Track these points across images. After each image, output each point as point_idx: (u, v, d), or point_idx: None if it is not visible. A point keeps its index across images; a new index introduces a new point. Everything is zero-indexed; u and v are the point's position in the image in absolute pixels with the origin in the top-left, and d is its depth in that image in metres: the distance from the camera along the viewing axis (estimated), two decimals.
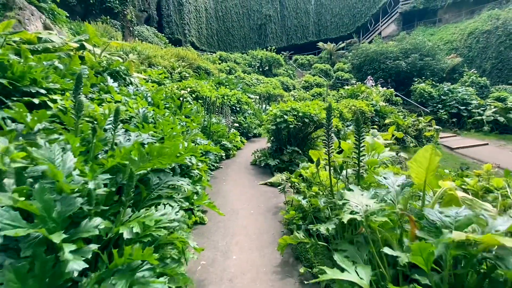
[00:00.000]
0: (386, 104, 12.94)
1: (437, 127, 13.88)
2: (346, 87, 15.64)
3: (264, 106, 9.87)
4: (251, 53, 23.00)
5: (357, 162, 2.12)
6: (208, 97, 5.60)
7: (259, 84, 15.49)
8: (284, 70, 23.15)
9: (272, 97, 12.79)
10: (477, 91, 17.01)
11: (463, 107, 15.35)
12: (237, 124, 6.90)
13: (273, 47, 24.88)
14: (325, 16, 31.44)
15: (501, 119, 14.44)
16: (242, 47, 29.89)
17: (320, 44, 26.78)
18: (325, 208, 2.38)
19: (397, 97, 15.16)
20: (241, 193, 3.80)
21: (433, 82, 17.15)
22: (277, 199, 3.60)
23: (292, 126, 4.70)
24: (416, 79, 17.28)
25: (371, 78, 17.75)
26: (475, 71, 19.75)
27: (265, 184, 4.19)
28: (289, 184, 3.76)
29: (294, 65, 26.92)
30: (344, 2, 30.17)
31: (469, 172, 3.50)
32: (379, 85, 15.61)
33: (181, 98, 5.32)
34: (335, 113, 7.30)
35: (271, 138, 5.42)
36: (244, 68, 20.34)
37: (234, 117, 7.38)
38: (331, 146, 2.16)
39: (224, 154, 5.33)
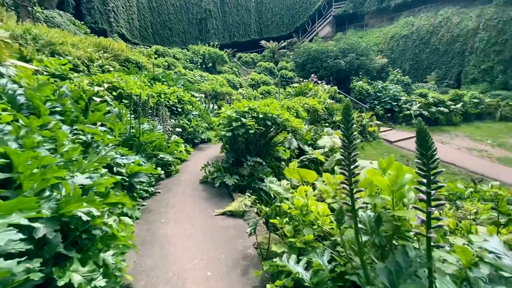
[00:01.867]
0: (332, 101, 13.10)
1: (378, 122, 14.78)
2: (293, 85, 15.46)
3: (211, 105, 8.62)
4: (193, 48, 21.21)
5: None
6: (137, 95, 4.14)
7: (203, 81, 14.05)
8: (228, 67, 22.08)
9: (220, 95, 11.58)
10: (403, 89, 18.89)
11: (395, 103, 16.75)
12: (180, 129, 5.54)
13: (216, 43, 23.56)
14: (266, 14, 31.56)
15: (425, 112, 16.19)
16: (181, 42, 27.60)
17: (263, 42, 26.62)
18: None
19: (340, 95, 15.67)
20: (189, 236, 2.59)
21: (369, 80, 18.42)
22: (244, 240, 2.52)
23: (252, 131, 3.67)
24: (354, 77, 18.32)
25: (315, 76, 18.10)
26: (399, 70, 22.03)
27: (224, 213, 3.06)
28: (257, 215, 2.72)
29: (238, 62, 26.10)
30: (283, 2, 30.76)
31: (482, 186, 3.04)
32: (324, 83, 15.91)
33: (95, 98, 3.74)
34: (292, 112, 6.58)
35: (226, 147, 4.30)
36: (185, 64, 18.50)
37: (175, 120, 5.97)
38: (353, 175, 1.19)
39: (163, 172, 3.97)
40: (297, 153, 6.24)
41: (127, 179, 2.82)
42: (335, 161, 5.26)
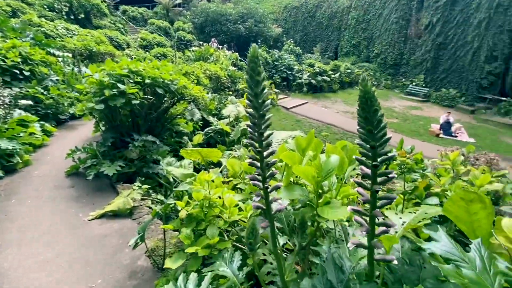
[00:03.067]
0: (235, 68, 12.79)
1: (276, 90, 15.67)
2: (192, 48, 14.08)
3: (83, 69, 6.62)
4: None
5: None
6: None
7: (71, 36, 10.76)
8: (110, 22, 17.87)
9: (97, 56, 9.16)
10: (295, 58, 20.55)
11: (290, 72, 18.10)
12: (28, 102, 3.88)
13: None
14: None
15: (313, 81, 18.30)
16: None
17: None
18: None
19: (242, 62, 15.51)
20: (44, 265, 1.75)
21: (267, 49, 18.99)
22: (132, 250, 1.90)
23: (136, 102, 2.82)
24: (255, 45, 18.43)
25: (216, 40, 17.13)
26: (292, 41, 23.70)
27: (103, 216, 2.28)
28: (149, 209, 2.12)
29: (124, 17, 21.58)
30: None
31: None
32: (225, 49, 15.25)
33: None
34: (192, 78, 5.81)
35: (102, 124, 3.25)
36: (42, 12, 13.62)
37: (20, 88, 4.16)
38: (267, 167, 0.80)
39: None
40: (201, 125, 5.67)
41: None
42: (241, 131, 5.04)
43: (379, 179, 0.61)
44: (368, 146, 0.59)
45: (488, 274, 0.61)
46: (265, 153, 0.76)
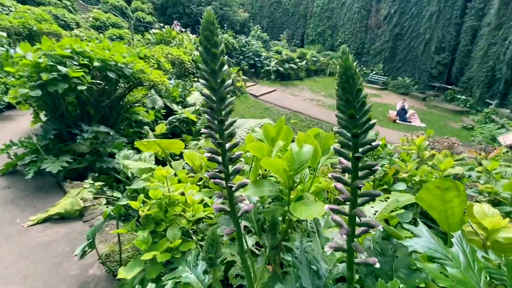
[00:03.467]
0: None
1: (244, 77, 15.38)
2: (152, 31, 13.06)
3: (17, 49, 5.68)
4: None
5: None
6: None
7: (7, 13, 9.25)
8: None
9: (38, 36, 7.98)
10: (263, 45, 20.29)
11: (257, 59, 17.85)
12: None
13: None
14: None
15: (281, 68, 18.31)
16: None
17: None
18: None
19: None
20: None
21: (233, 34, 18.42)
22: (81, 260, 1.67)
23: (83, 87, 2.46)
24: (219, 30, 17.73)
25: (178, 23, 16.09)
26: (259, 26, 23.29)
27: (47, 220, 1.97)
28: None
29: None
30: None
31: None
32: (189, 32, 14.41)
33: None
34: (152, 62, 5.35)
35: (44, 114, 2.81)
36: None
37: None
38: (230, 161, 0.67)
39: None
40: (164, 113, 5.29)
41: None
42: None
43: (361, 173, 0.51)
44: (349, 134, 0.49)
45: (473, 271, 0.56)
46: (227, 145, 0.62)
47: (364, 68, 22.05)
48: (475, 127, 13.53)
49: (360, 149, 0.50)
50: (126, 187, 1.47)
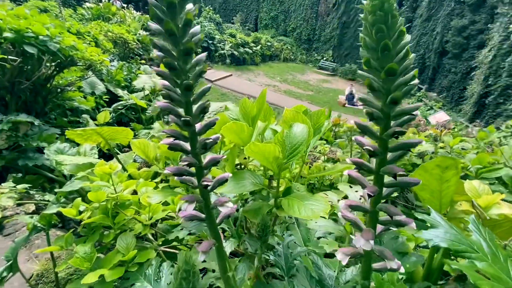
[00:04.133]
0: (146, 33, 11.03)
1: None
2: (86, 5, 11.31)
3: None
4: None
5: None
6: None
7: None
8: None
9: None
10: (216, 27, 19.40)
11: (210, 42, 17.04)
12: None
13: None
14: None
15: (235, 52, 17.84)
16: None
17: None
18: None
19: None
20: None
21: None
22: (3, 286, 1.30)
23: None
24: None
25: None
26: (211, 8, 22.14)
27: None
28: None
29: None
30: None
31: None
32: (132, 8, 12.88)
33: None
34: (88, 39, 4.58)
35: None
36: None
37: None
38: (202, 149, 0.47)
39: None
40: (107, 100, 4.62)
41: None
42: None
43: (392, 156, 0.37)
44: (379, 104, 0.34)
45: (501, 261, 0.48)
46: (197, 126, 0.43)
47: (316, 55, 22.85)
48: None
49: (396, 121, 0.35)
50: (56, 190, 1.14)
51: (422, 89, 16.74)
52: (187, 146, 0.45)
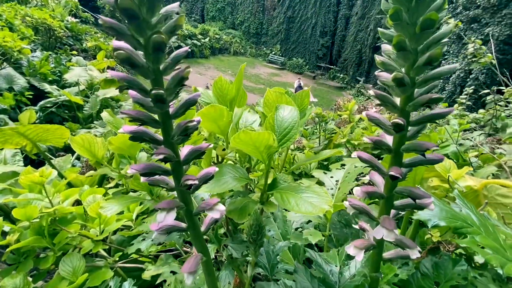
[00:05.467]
0: (77, 20, 9.64)
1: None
2: None
3: None
4: None
5: None
6: None
7: None
8: None
9: None
10: None
11: None
12: None
13: None
14: None
15: (183, 45, 16.96)
16: None
17: None
18: None
19: (86, 13, 11.93)
20: None
21: None
22: None
23: None
24: None
25: None
26: None
27: None
28: None
29: None
30: None
31: None
32: None
33: None
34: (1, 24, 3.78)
35: None
36: None
37: None
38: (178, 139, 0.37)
39: None
40: (31, 96, 3.89)
41: None
42: (100, 102, 3.82)
43: (413, 130, 0.32)
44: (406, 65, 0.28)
45: (492, 232, 0.49)
46: (172, 106, 0.32)
47: (264, 48, 23.21)
48: (351, 100, 16.82)
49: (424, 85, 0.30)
50: None
51: (360, 81, 18.45)
52: (158, 136, 0.34)
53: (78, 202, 0.99)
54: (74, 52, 7.08)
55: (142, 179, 0.35)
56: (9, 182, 0.96)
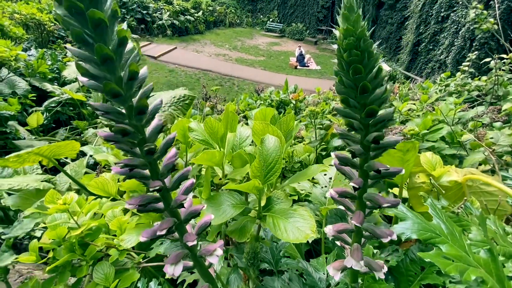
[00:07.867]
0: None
1: (135, 36, 13.02)
2: None
3: None
4: None
5: None
6: None
7: None
8: None
9: None
10: None
11: (145, 12, 15.22)
12: None
13: None
14: None
15: (176, 22, 16.30)
16: None
17: None
18: None
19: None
20: None
21: None
22: None
23: None
24: None
25: None
26: None
27: None
28: None
29: None
30: None
31: None
32: None
33: None
34: None
35: None
36: None
37: None
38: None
39: None
40: (35, 98, 3.96)
41: None
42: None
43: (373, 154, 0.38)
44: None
45: (457, 239, 0.56)
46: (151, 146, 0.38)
47: (261, 16, 22.04)
48: None
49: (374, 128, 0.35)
50: (3, 236, 0.98)
51: None
52: (146, 173, 0.40)
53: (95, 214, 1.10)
54: (68, 44, 6.95)
55: (136, 210, 0.42)
56: (36, 205, 1.07)
